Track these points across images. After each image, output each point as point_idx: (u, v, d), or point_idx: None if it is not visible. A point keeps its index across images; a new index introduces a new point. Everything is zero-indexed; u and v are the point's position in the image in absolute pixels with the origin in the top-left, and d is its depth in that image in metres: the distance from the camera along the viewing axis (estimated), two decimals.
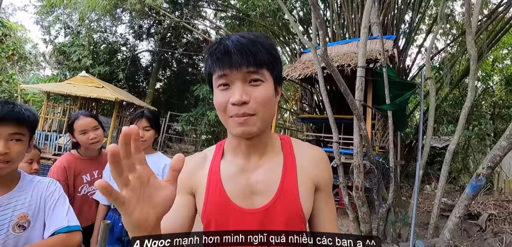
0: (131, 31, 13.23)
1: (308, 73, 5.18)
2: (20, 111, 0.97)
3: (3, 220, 0.95)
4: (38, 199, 1.04)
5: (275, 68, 0.67)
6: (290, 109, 8.55)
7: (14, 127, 0.95)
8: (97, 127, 1.78)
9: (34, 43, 16.14)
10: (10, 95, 11.09)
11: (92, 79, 8.89)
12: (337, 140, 4.32)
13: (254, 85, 0.62)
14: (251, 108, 0.61)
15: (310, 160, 0.74)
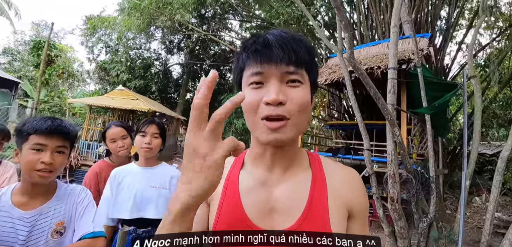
0: (163, 47, 14.08)
1: (334, 78, 4.99)
2: (66, 127, 1.06)
3: (44, 227, 1.03)
4: (71, 206, 1.11)
5: (313, 71, 0.61)
6: (318, 116, 8.32)
7: (60, 140, 1.04)
8: (126, 136, 1.86)
9: (80, 62, 17.94)
10: (61, 108, 12.34)
11: (128, 92, 9.55)
12: (368, 147, 4.06)
13: (292, 86, 0.56)
14: (287, 110, 0.54)
15: (343, 181, 0.64)
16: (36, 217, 1.01)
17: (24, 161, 0.99)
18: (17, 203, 1.01)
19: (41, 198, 1.05)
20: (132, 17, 9.42)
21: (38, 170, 0.99)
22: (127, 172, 1.57)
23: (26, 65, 16.09)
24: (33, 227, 1.00)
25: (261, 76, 0.56)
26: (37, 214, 1.02)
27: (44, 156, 0.99)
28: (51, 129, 1.01)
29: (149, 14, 9.02)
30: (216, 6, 9.19)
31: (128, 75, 12.07)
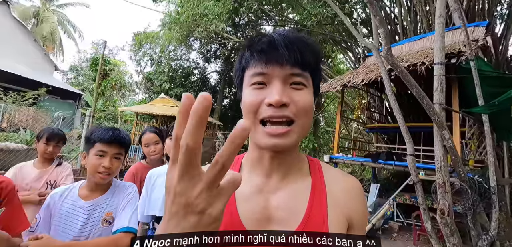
0: (201, 56, 14.82)
1: (372, 77, 4.64)
2: (122, 137, 1.26)
3: (97, 216, 1.21)
4: (119, 199, 1.28)
5: (317, 76, 0.58)
6: (356, 119, 7.84)
7: (117, 148, 1.24)
8: (158, 142, 2.01)
9: (130, 74, 19.85)
10: (114, 116, 13.74)
11: (169, 100, 10.23)
12: (412, 152, 3.68)
13: (296, 88, 0.53)
14: (291, 112, 0.52)
15: (343, 190, 0.60)
16: (93, 206, 1.21)
17: (89, 163, 1.21)
18: (81, 195, 1.23)
19: (99, 192, 1.26)
20: (172, 31, 10.13)
21: (100, 172, 1.20)
22: (160, 173, 1.70)
23: (87, 79, 18.38)
24: (90, 215, 1.20)
25: (264, 77, 0.53)
26: (94, 204, 1.22)
27: (105, 161, 1.20)
28: (111, 139, 1.22)
29: (187, 26, 9.58)
30: (249, 13, 9.36)
31: (170, 84, 12.96)
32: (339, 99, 6.50)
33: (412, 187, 3.85)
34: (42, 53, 16.31)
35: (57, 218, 1.17)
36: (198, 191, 0.32)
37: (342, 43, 9.46)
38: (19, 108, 9.22)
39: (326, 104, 14.94)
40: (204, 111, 0.29)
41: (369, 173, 10.99)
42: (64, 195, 1.22)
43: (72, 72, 22.10)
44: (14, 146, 6.51)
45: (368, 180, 8.86)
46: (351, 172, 11.42)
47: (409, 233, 4.93)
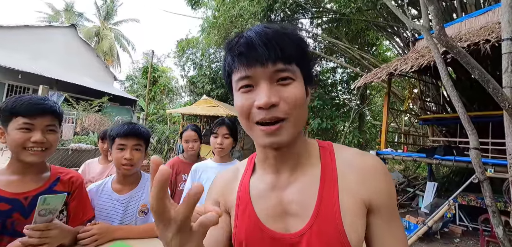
0: None
1: (423, 63, 4.12)
2: (138, 129, 1.32)
3: (134, 207, 1.30)
4: None
5: (305, 64, 0.56)
6: (406, 110, 7.10)
7: (135, 140, 1.30)
8: (197, 140, 2.16)
9: (176, 79, 21.33)
10: (164, 118, 14.92)
11: (211, 100, 10.69)
12: (476, 145, 3.17)
13: (283, 84, 0.52)
14: (282, 111, 0.51)
15: (359, 172, 0.57)
16: (128, 199, 1.30)
17: (114, 158, 1.29)
18: (115, 189, 1.32)
19: (131, 185, 1.34)
20: (211, 35, 10.53)
21: (123, 165, 1.27)
22: (204, 167, 1.79)
23: (141, 86, 20.33)
24: (126, 207, 1.29)
25: (249, 79, 0.53)
26: (129, 197, 1.31)
27: (125, 153, 1.26)
28: (127, 131, 1.28)
29: (224, 29, 9.86)
30: (284, 8, 9.19)
31: (211, 86, 13.54)
32: (386, 90, 5.96)
33: (478, 186, 3.32)
34: (103, 66, 18.61)
35: (97, 210, 1.27)
36: (171, 235, 0.38)
37: (387, 28, 8.65)
38: (88, 115, 10.73)
39: (372, 96, 13.87)
40: (164, 182, 0.36)
41: (424, 170, 9.89)
42: (100, 189, 1.32)
43: (128, 81, 24.73)
44: (85, 147, 7.63)
45: (424, 179, 7.96)
46: (404, 169, 10.40)
47: (475, 239, 4.29)
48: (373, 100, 14.63)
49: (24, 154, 0.98)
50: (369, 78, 5.29)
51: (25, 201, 0.99)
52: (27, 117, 0.97)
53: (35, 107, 0.99)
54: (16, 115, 0.97)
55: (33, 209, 0.96)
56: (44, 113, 1.00)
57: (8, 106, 0.98)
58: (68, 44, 16.21)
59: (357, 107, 10.57)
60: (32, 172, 1.05)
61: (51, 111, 1.03)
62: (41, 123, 1.00)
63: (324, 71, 15.39)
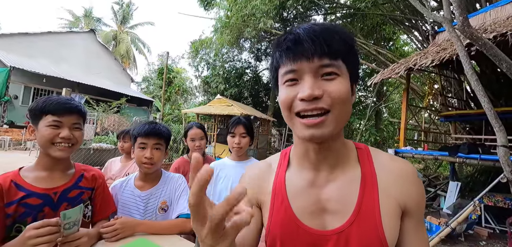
0: (252, 55, 15.13)
1: (445, 56, 3.92)
2: (159, 129, 1.36)
3: (154, 204, 1.34)
4: (171, 189, 1.40)
5: (351, 61, 0.56)
6: (427, 107, 6.81)
7: (155, 139, 1.34)
8: (203, 137, 2.14)
9: (190, 79, 21.67)
10: (179, 118, 15.22)
11: (225, 100, 10.78)
12: (504, 142, 2.99)
13: (328, 79, 0.53)
14: (325, 102, 0.52)
15: (395, 176, 0.59)
16: (148, 196, 1.34)
17: (136, 156, 1.34)
18: (137, 185, 1.37)
19: (151, 183, 1.38)
20: (223, 35, 10.61)
21: (144, 163, 1.31)
22: (223, 165, 1.82)
23: (156, 88, 20.83)
24: (147, 204, 1.33)
25: (295, 73, 0.54)
26: (149, 194, 1.35)
27: (146, 152, 1.31)
28: (148, 131, 1.33)
29: (237, 28, 9.90)
30: (297, 6, 9.09)
31: (224, 85, 13.67)
32: (404, 86, 5.75)
33: (507, 186, 3.14)
34: (121, 68, 19.23)
35: (120, 205, 1.33)
36: (205, 233, 0.38)
37: (405, 21, 8.34)
38: (107, 116, 11.15)
39: (389, 93, 13.44)
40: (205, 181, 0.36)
41: (446, 170, 9.45)
42: (123, 186, 1.38)
43: (144, 82, 25.43)
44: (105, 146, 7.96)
45: (445, 178, 7.61)
46: (424, 168, 9.99)
47: (502, 242, 4.05)
48: (391, 97, 14.19)
49: (53, 149, 1.06)
50: (386, 74, 5.11)
51: (55, 196, 1.07)
52: (56, 115, 1.06)
53: (63, 106, 1.07)
54: (46, 113, 1.05)
55: (61, 203, 1.07)
56: (71, 112, 1.09)
57: (39, 105, 1.06)
58: (88, 49, 16.90)
59: (373, 105, 10.29)
60: (59, 168, 1.12)
61: (77, 111, 1.11)
62: (68, 121, 1.08)
63: None
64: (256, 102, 16.39)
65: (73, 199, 1.12)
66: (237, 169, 1.76)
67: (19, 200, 1.00)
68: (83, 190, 1.17)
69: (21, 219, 0.99)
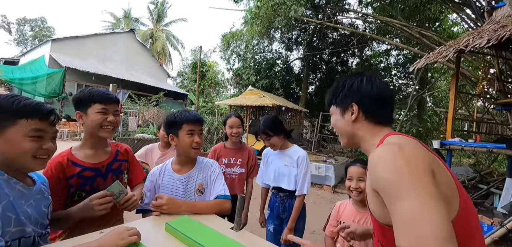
0: (282, 45, 14.90)
1: (504, 35, 3.43)
2: (200, 116, 1.50)
3: (192, 186, 1.45)
4: (207, 173, 1.50)
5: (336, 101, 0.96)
6: (480, 94, 6.06)
7: (200, 125, 1.47)
8: (239, 126, 2.34)
9: (222, 72, 22.14)
10: (212, 110, 15.74)
11: (256, 91, 10.84)
12: None
13: None
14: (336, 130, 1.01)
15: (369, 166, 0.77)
16: (187, 179, 1.45)
17: (183, 142, 1.41)
18: (174, 169, 1.48)
19: (188, 167, 1.48)
20: (254, 26, 10.57)
21: (194, 148, 1.43)
22: (271, 151, 2.16)
23: (190, 82, 21.71)
24: (186, 186, 1.44)
25: None
26: (187, 177, 1.46)
27: (196, 138, 1.42)
28: (196, 118, 1.44)
29: (267, 18, 9.79)
30: None
31: (256, 77, 13.71)
32: (453, 71, 5.18)
33: None
34: (158, 65, 20.38)
35: (162, 189, 1.45)
36: None
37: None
38: (148, 109, 12.00)
39: (434, 79, 12.25)
40: None
41: (501, 165, 8.41)
42: (162, 171, 1.50)
43: (179, 77, 26.66)
44: (147, 137, 8.68)
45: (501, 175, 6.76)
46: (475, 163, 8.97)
47: None
48: (436, 84, 12.95)
49: (101, 131, 1.29)
50: (431, 58, 4.63)
51: (103, 168, 1.34)
52: (103, 104, 1.28)
53: (107, 97, 1.31)
54: (94, 102, 1.27)
55: (108, 174, 1.35)
56: (113, 101, 1.32)
57: (86, 95, 1.28)
58: (129, 47, 18.19)
59: (415, 93, 9.49)
60: (101, 147, 1.37)
61: (116, 100, 1.35)
62: (112, 108, 1.32)
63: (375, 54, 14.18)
64: (287, 93, 16.20)
65: (116, 170, 1.39)
66: (280, 156, 2.08)
67: (78, 173, 1.26)
68: (121, 162, 1.43)
69: (81, 188, 1.27)
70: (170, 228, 1.13)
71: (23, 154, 0.89)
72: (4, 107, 0.87)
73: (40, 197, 1.01)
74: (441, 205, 0.59)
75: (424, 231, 0.55)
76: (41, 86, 12.39)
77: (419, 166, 0.65)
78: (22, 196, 0.92)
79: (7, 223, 0.84)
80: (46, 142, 0.95)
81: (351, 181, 1.55)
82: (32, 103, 0.91)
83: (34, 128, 0.90)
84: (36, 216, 0.96)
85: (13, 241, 0.87)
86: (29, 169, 0.96)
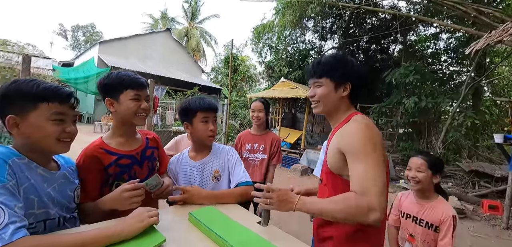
0: (316, 35, 14.25)
1: None
2: (214, 103, 1.47)
3: (208, 172, 1.44)
4: (224, 160, 1.48)
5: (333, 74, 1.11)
6: None
7: (214, 112, 1.44)
8: (262, 111, 2.32)
9: (254, 66, 22.14)
10: (245, 104, 15.82)
11: (289, 83, 10.56)
12: None
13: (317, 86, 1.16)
14: (317, 98, 1.15)
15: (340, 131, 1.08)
16: (202, 165, 1.44)
17: (198, 130, 1.41)
18: (191, 156, 1.48)
19: (204, 153, 1.47)
20: (285, 15, 10.25)
21: (209, 135, 1.41)
22: None
23: (224, 76, 22.14)
24: (202, 172, 1.44)
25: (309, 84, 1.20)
26: (202, 163, 1.45)
27: (210, 125, 1.41)
28: (210, 106, 1.41)
29: (299, 7, 9.41)
30: None
31: (288, 69, 13.38)
32: None
33: None
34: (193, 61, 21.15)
35: (180, 176, 1.46)
36: None
37: None
38: None
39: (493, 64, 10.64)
40: None
41: None
42: (180, 159, 1.51)
43: (213, 72, 27.35)
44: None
45: None
46: None
47: None
48: (496, 70, 11.28)
49: (135, 119, 1.23)
50: (494, 37, 3.92)
51: (138, 156, 1.29)
52: (135, 90, 1.21)
53: (139, 82, 1.23)
54: (127, 88, 1.20)
55: (143, 161, 1.31)
56: (144, 86, 1.26)
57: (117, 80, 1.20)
58: (165, 46, 19.17)
59: (470, 81, 8.37)
60: (132, 134, 1.32)
61: (146, 85, 1.28)
62: (144, 94, 1.25)
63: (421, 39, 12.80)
64: None
65: (149, 157, 1.35)
66: None
67: (115, 162, 1.21)
68: (153, 149, 1.39)
69: (119, 176, 1.22)
70: (193, 219, 1.08)
71: (47, 137, 0.89)
72: (24, 92, 0.86)
73: (64, 181, 1.02)
74: (383, 167, 0.95)
75: (371, 183, 0.92)
76: (92, 84, 13.66)
77: (376, 140, 0.97)
78: (44, 179, 0.93)
79: (30, 205, 0.85)
80: (68, 124, 0.95)
81: (410, 171, 1.63)
82: (51, 86, 0.91)
83: (55, 111, 0.90)
84: (60, 199, 0.97)
85: (38, 223, 0.88)
86: (53, 152, 0.97)
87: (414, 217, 1.60)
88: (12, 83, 0.87)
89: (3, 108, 0.86)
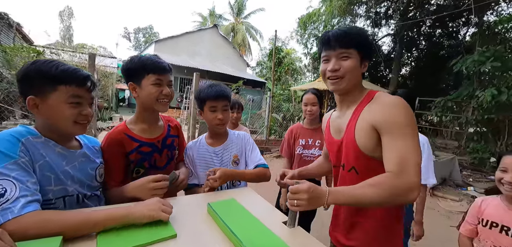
0: (368, 22, 13.02)
1: None
2: (225, 91, 1.40)
3: (227, 158, 1.45)
4: (240, 145, 1.49)
5: (362, 46, 1.02)
6: None
7: (224, 101, 1.39)
8: (315, 104, 2.16)
9: (299, 58, 21.52)
10: (289, 97, 15.53)
11: None
12: None
13: (343, 59, 1.02)
14: (341, 72, 1.02)
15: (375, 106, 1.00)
16: (222, 151, 1.45)
17: (207, 118, 1.41)
18: (208, 143, 1.47)
19: (221, 140, 1.47)
20: (333, 2, 9.55)
21: (217, 124, 1.38)
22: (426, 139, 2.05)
23: (268, 70, 22.08)
24: (222, 157, 1.44)
25: (326, 57, 1.06)
26: (222, 149, 1.45)
27: (218, 114, 1.37)
28: (217, 94, 1.36)
29: None
30: None
31: None
32: None
33: None
34: (238, 55, 21.60)
35: (197, 160, 1.44)
36: None
37: None
38: None
39: None
40: None
41: None
42: (196, 145, 1.49)
43: (258, 66, 27.53)
44: None
45: None
46: None
47: None
48: None
49: (157, 104, 1.19)
50: None
51: (158, 144, 1.28)
52: (157, 74, 1.17)
53: (161, 66, 1.18)
54: (148, 72, 1.16)
55: (163, 149, 1.29)
56: (166, 71, 1.21)
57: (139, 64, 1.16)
58: (212, 42, 19.98)
59: None
60: (154, 121, 1.29)
61: (169, 70, 1.23)
62: (166, 78, 1.21)
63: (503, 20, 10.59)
64: (374, 77, 14.28)
65: (169, 145, 1.33)
66: None
67: (136, 149, 1.21)
68: (173, 137, 1.37)
69: (140, 163, 1.22)
70: (212, 211, 1.00)
71: (65, 119, 0.91)
72: (44, 73, 0.87)
73: (85, 160, 1.03)
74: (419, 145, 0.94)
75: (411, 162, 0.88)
76: None
77: (414, 118, 0.95)
78: (62, 157, 0.94)
79: (47, 182, 0.87)
80: (85, 107, 0.96)
81: (505, 173, 1.34)
82: (69, 69, 0.91)
83: (73, 94, 0.91)
84: (80, 177, 0.98)
85: (57, 199, 0.90)
86: (70, 133, 0.99)
87: (505, 227, 1.34)
88: (32, 64, 0.88)
89: (24, 89, 0.88)
